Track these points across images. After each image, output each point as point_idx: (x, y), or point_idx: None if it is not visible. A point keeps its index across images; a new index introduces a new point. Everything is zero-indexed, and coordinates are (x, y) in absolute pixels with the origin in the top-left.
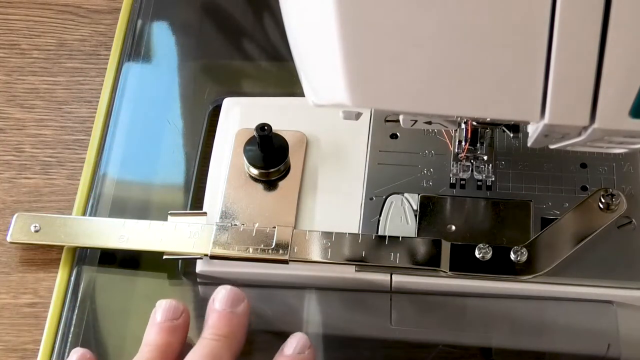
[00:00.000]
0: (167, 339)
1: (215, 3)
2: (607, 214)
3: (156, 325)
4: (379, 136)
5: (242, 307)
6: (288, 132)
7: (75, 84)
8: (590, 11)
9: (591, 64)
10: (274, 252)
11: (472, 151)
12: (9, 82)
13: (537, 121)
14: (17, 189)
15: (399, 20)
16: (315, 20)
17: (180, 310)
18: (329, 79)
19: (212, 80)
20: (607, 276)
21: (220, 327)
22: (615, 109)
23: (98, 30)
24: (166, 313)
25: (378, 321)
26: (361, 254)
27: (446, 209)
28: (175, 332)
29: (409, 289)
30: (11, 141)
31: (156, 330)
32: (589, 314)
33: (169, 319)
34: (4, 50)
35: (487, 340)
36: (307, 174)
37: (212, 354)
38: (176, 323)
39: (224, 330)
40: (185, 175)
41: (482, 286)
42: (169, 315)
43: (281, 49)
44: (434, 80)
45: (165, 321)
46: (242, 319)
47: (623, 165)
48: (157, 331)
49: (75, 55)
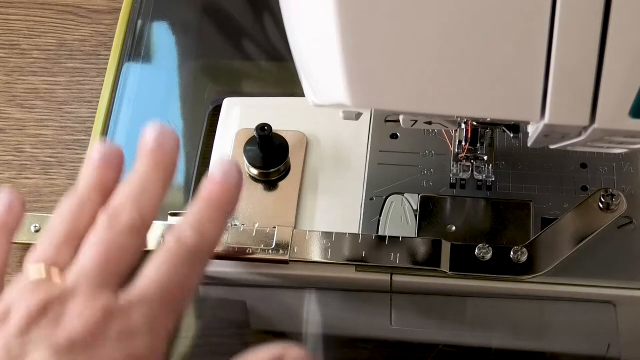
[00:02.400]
0: (106, 174)
1: (215, 3)
2: (607, 214)
3: (94, 162)
4: (379, 136)
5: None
6: (288, 132)
7: (75, 84)
8: (590, 11)
9: (591, 64)
10: (274, 252)
11: (472, 151)
12: (9, 82)
13: (537, 121)
14: (17, 189)
15: (399, 20)
16: (315, 20)
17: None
18: (329, 79)
19: (212, 80)
20: (607, 276)
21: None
22: (615, 109)
23: (98, 30)
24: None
25: (378, 321)
26: (361, 254)
27: (446, 209)
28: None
29: (409, 289)
30: (11, 141)
31: (94, 167)
32: (589, 314)
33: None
34: (4, 50)
35: (487, 340)
36: (307, 174)
37: (147, 181)
38: (114, 160)
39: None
40: (185, 175)
41: (482, 286)
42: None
43: (281, 49)
44: (434, 80)
45: (104, 157)
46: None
47: (623, 165)
48: (96, 168)
49: (75, 55)
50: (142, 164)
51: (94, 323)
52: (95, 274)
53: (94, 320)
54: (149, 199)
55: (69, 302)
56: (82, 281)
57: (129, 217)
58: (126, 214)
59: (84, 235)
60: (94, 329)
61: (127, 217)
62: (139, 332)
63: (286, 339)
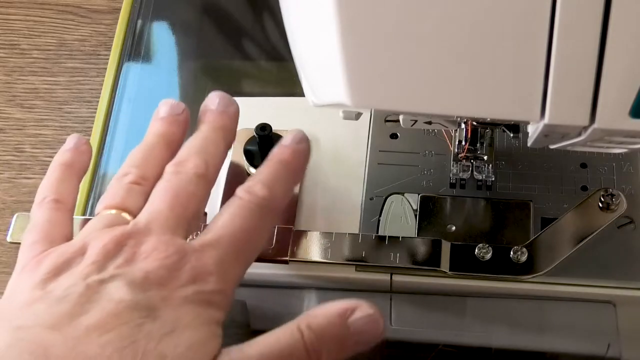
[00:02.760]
0: (170, 129)
1: (215, 3)
2: (607, 214)
3: (160, 119)
4: (379, 136)
5: (234, 108)
6: (288, 132)
7: (75, 84)
8: (590, 11)
9: (591, 64)
10: (274, 252)
11: (472, 151)
12: (9, 82)
13: (537, 121)
14: (17, 189)
15: (399, 20)
16: (315, 20)
17: (182, 107)
18: (329, 79)
19: (212, 80)
20: (607, 276)
21: (216, 121)
22: (615, 109)
23: (98, 30)
24: (169, 108)
25: None
26: (361, 254)
27: (446, 209)
28: (178, 125)
29: (409, 289)
30: (11, 141)
31: (160, 123)
32: (589, 314)
33: (171, 114)
34: (4, 50)
35: (487, 340)
36: (307, 174)
37: (210, 139)
38: (179, 117)
39: (220, 124)
40: None
41: (482, 286)
42: (172, 111)
43: (281, 49)
44: (434, 80)
45: (169, 115)
46: (235, 116)
47: (623, 165)
48: (162, 123)
49: (75, 55)
50: (206, 126)
51: (169, 261)
52: (167, 217)
53: (168, 258)
54: (213, 153)
55: (144, 241)
56: (154, 223)
57: (194, 164)
58: (192, 162)
59: (152, 183)
60: (169, 266)
61: (193, 165)
62: (211, 275)
63: None
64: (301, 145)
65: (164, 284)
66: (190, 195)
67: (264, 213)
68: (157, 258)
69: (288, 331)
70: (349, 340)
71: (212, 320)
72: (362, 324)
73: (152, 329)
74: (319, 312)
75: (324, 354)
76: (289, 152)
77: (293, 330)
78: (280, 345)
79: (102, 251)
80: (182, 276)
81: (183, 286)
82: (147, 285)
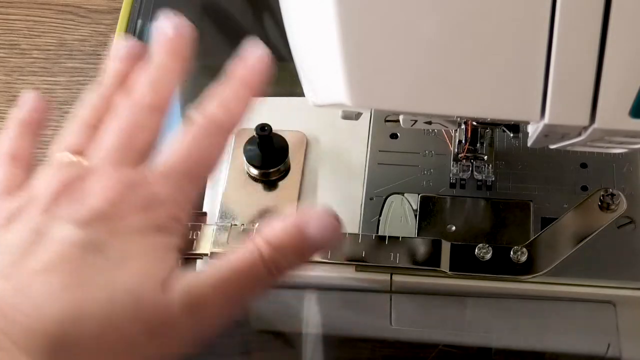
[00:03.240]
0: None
1: (215, 3)
2: (607, 214)
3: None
4: (379, 136)
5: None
6: (288, 132)
7: (75, 84)
8: (590, 11)
9: (591, 64)
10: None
11: (472, 151)
12: (9, 82)
13: (537, 121)
14: None
15: (399, 20)
16: (315, 20)
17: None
18: (329, 79)
19: (212, 80)
20: (607, 276)
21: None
22: (615, 109)
23: (98, 30)
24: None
25: (378, 321)
26: (361, 254)
27: (446, 209)
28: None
29: (409, 289)
30: None
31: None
32: (589, 314)
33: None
34: (4, 50)
35: (487, 340)
36: (307, 174)
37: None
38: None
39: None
40: None
41: (482, 286)
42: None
43: (281, 49)
44: (434, 80)
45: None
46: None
47: (623, 165)
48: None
49: (75, 55)
50: (159, 53)
51: (116, 194)
52: (116, 151)
53: (114, 192)
54: (165, 82)
55: (91, 178)
56: (103, 159)
57: (146, 95)
58: (143, 93)
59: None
60: (115, 200)
61: (144, 96)
62: (162, 202)
63: (286, 339)
64: (258, 59)
65: (111, 217)
66: (142, 126)
67: (218, 132)
68: (103, 194)
69: (246, 250)
70: (308, 247)
71: (165, 246)
72: (320, 232)
73: (99, 263)
74: (277, 226)
75: (283, 265)
76: (245, 70)
77: (252, 248)
78: (239, 264)
79: (49, 195)
80: (131, 206)
81: (132, 215)
82: (93, 220)
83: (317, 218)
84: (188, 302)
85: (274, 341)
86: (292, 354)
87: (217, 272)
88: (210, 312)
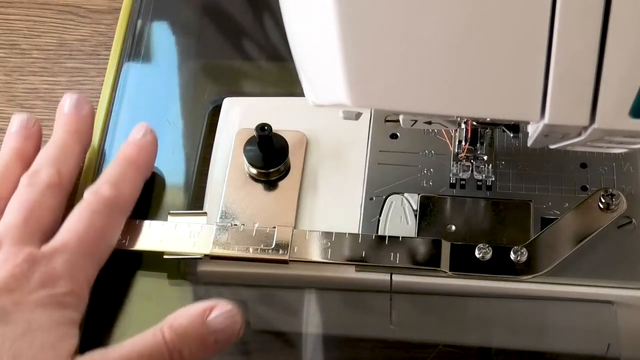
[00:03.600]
0: (24, 143)
1: (215, 3)
2: (607, 214)
3: (13, 134)
4: (379, 136)
5: (88, 109)
6: (288, 132)
7: (75, 84)
8: (590, 11)
9: (591, 64)
10: (274, 252)
11: (472, 151)
12: (9, 82)
13: (537, 121)
14: None
15: (399, 20)
16: (316, 20)
17: (33, 121)
18: (329, 79)
19: (212, 80)
20: (607, 276)
21: (70, 124)
22: (615, 109)
23: (98, 30)
24: (20, 123)
25: (378, 321)
26: (361, 254)
27: (446, 209)
28: (31, 138)
29: (409, 289)
30: None
31: (14, 138)
32: (589, 314)
33: (23, 128)
34: (4, 50)
35: (487, 340)
36: (307, 174)
37: (65, 145)
38: (31, 131)
39: (73, 127)
40: (185, 175)
41: (482, 286)
42: (23, 125)
43: (281, 49)
44: (434, 80)
45: (21, 129)
46: (89, 118)
47: (623, 165)
48: (15, 138)
49: (75, 55)
50: (59, 130)
51: (18, 270)
52: (18, 229)
53: (17, 267)
54: (66, 160)
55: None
56: (6, 236)
57: (47, 175)
58: (45, 172)
59: (9, 198)
60: (18, 274)
61: (46, 176)
62: (61, 278)
63: (286, 339)
64: (145, 138)
65: (15, 290)
66: (44, 205)
67: (111, 211)
68: (7, 268)
69: (151, 333)
70: (209, 338)
71: (66, 321)
72: (220, 321)
73: (5, 332)
74: (181, 313)
75: (185, 353)
76: (134, 149)
77: (156, 331)
78: (142, 347)
79: None
80: (33, 282)
81: (34, 291)
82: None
83: (219, 308)
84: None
85: (274, 341)
86: (292, 354)
87: (123, 352)
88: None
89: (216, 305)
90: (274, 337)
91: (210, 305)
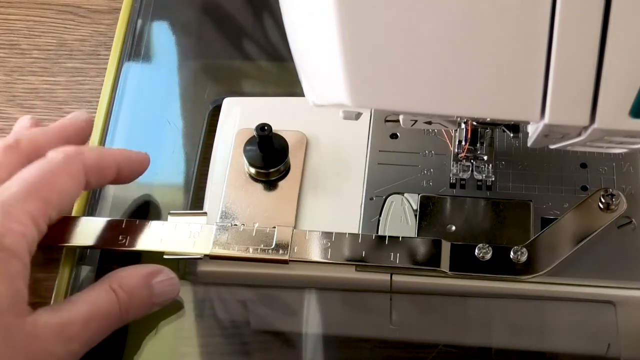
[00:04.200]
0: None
1: (215, 3)
2: (607, 214)
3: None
4: (379, 136)
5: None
6: (288, 132)
7: (75, 84)
8: (590, 11)
9: (591, 64)
10: (274, 252)
11: (472, 151)
12: (9, 82)
13: (537, 121)
14: None
15: (399, 20)
16: (315, 20)
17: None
18: (329, 79)
19: (212, 80)
20: (607, 276)
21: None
22: (615, 109)
23: (98, 30)
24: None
25: (378, 321)
26: (361, 254)
27: (446, 209)
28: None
29: (409, 289)
30: None
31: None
32: (589, 314)
33: (23, 127)
34: (4, 50)
35: (487, 340)
36: (307, 174)
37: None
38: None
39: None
40: (185, 175)
41: (482, 286)
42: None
43: (281, 49)
44: (434, 80)
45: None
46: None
47: (623, 165)
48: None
49: (75, 55)
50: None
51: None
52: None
53: None
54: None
55: None
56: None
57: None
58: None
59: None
60: None
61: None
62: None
63: (286, 339)
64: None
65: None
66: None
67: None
68: None
69: (103, 291)
70: (151, 299)
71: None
72: (163, 286)
73: None
74: (128, 273)
75: (131, 312)
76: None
77: (107, 289)
78: (98, 306)
79: None
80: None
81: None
82: None
83: (165, 274)
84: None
85: (274, 341)
86: (292, 354)
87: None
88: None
89: (162, 270)
90: (274, 337)
91: (156, 269)
